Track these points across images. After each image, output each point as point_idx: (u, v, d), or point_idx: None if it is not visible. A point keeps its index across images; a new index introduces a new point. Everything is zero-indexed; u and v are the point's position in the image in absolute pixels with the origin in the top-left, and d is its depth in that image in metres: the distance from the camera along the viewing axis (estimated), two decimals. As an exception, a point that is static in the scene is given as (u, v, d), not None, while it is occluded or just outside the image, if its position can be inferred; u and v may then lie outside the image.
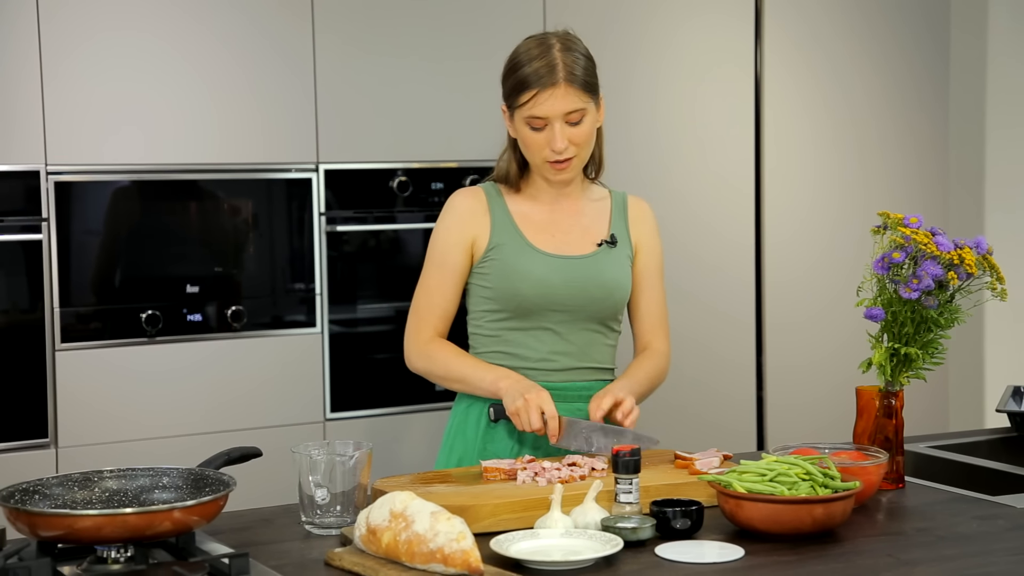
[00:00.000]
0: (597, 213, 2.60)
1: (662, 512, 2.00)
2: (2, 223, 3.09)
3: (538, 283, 2.49)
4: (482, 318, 2.56)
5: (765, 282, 4.06)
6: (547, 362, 2.52)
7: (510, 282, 2.50)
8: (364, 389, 3.52)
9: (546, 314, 2.51)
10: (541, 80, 2.42)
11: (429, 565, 1.76)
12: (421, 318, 2.55)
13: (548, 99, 2.42)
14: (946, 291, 2.28)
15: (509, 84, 2.48)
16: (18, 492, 1.89)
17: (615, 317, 2.58)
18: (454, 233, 2.54)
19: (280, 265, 3.42)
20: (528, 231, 2.53)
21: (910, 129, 4.28)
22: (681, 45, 3.93)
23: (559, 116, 2.43)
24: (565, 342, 2.52)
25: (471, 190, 2.59)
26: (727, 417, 4.01)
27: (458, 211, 2.55)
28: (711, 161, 3.98)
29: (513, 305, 2.50)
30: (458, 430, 2.57)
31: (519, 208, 2.56)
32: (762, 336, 4.07)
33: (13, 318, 3.12)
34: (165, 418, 3.27)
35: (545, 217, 2.56)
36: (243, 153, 3.36)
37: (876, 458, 2.21)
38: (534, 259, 2.50)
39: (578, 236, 2.56)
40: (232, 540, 1.99)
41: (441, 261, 2.54)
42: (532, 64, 2.43)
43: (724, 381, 4.01)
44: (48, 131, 3.14)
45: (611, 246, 2.56)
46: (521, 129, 2.48)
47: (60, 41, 3.14)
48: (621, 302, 2.57)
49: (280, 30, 3.38)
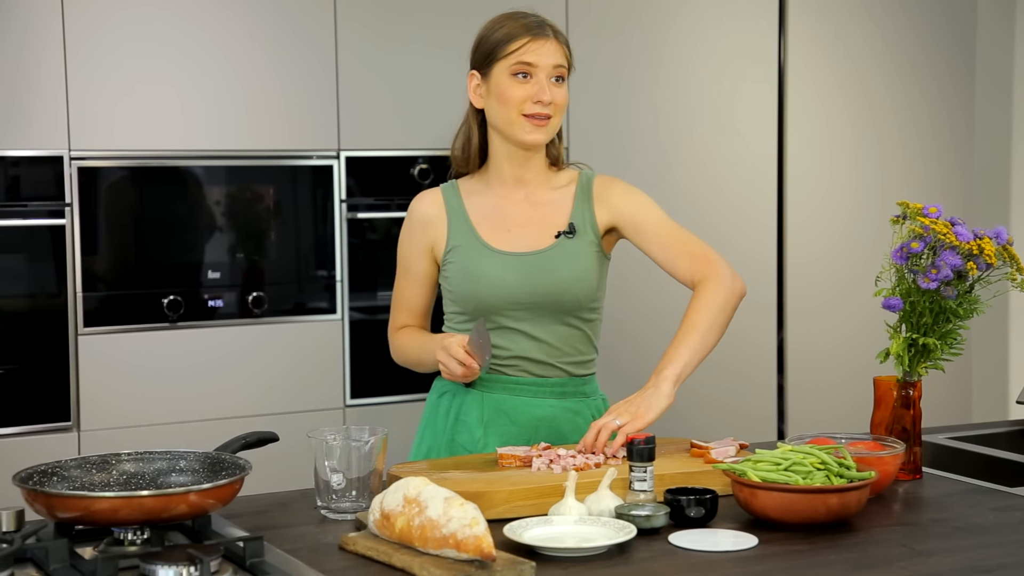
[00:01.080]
0: (558, 202, 2.53)
1: (676, 500, 2.00)
2: (26, 208, 3.11)
3: (492, 284, 2.46)
4: (452, 320, 2.57)
5: (787, 265, 4.05)
6: (518, 359, 2.49)
7: (466, 284, 2.49)
8: (384, 376, 3.52)
9: (506, 313, 2.47)
10: (532, 31, 2.44)
11: (442, 550, 1.77)
12: (392, 315, 2.64)
13: (540, 47, 2.43)
14: (965, 281, 2.27)
15: (491, 40, 2.47)
16: (36, 474, 1.91)
17: (583, 308, 2.50)
18: (413, 239, 2.57)
19: (301, 252, 3.44)
20: (483, 230, 2.50)
21: (935, 118, 4.25)
22: (704, 35, 3.92)
23: (548, 67, 2.44)
24: (532, 340, 2.48)
25: (429, 193, 2.59)
26: (748, 400, 4.01)
27: (414, 218, 2.57)
28: (736, 146, 3.97)
29: (471, 306, 2.49)
30: (428, 421, 2.59)
31: (476, 204, 2.53)
32: (783, 319, 4.06)
33: (37, 302, 3.14)
34: (186, 403, 3.29)
35: (500, 212, 2.52)
36: (265, 140, 3.37)
37: (893, 448, 2.20)
38: (489, 259, 2.47)
39: (535, 229, 2.50)
40: (248, 524, 2.00)
41: (406, 267, 2.60)
42: (519, 20, 2.47)
43: (745, 364, 4.00)
44: (71, 117, 3.15)
45: (569, 236, 2.49)
46: (502, 81, 2.44)
47: (84, 26, 3.15)
48: (583, 294, 2.48)
49: (302, 17, 3.39)
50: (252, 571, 1.73)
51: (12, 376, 3.11)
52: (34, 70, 3.11)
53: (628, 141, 3.78)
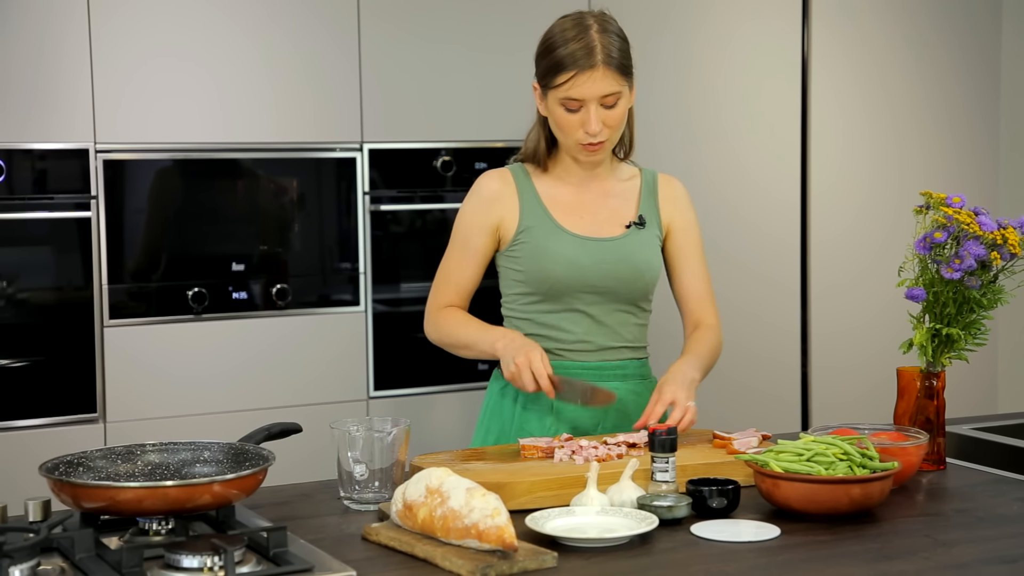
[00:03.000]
0: (626, 194, 2.58)
1: (698, 491, 2.00)
2: (52, 201, 3.14)
3: (569, 265, 2.48)
4: (514, 301, 2.56)
5: (811, 247, 4.05)
6: (581, 343, 2.52)
7: (540, 264, 2.49)
8: (407, 367, 3.54)
9: (577, 296, 2.50)
10: (578, 62, 2.39)
11: (464, 541, 1.77)
12: (438, 292, 2.57)
13: (585, 82, 2.39)
14: (989, 271, 2.26)
15: (544, 64, 2.45)
16: (63, 464, 1.92)
17: (645, 297, 2.57)
18: (479, 216, 2.54)
19: (325, 244, 3.45)
20: (557, 213, 2.52)
21: (958, 105, 4.24)
22: (728, 27, 3.92)
23: (595, 99, 2.41)
24: (597, 323, 2.52)
25: (498, 172, 2.59)
26: (771, 382, 4.01)
27: (484, 194, 2.55)
28: (759, 131, 3.97)
29: (545, 287, 2.50)
30: (494, 411, 2.58)
31: (547, 190, 2.55)
32: (807, 301, 4.06)
33: (64, 295, 3.17)
34: (210, 394, 3.31)
35: (574, 199, 2.55)
36: (289, 133, 3.38)
37: (916, 439, 2.19)
38: (564, 241, 2.50)
39: (606, 218, 2.55)
40: (272, 514, 2.01)
41: (464, 242, 2.55)
42: (569, 45, 2.40)
43: (769, 346, 4.00)
44: (97, 109, 3.17)
45: (640, 227, 2.55)
46: (554, 110, 2.45)
47: (110, 20, 3.17)
48: (651, 283, 2.56)
49: (327, 10, 3.40)
50: (275, 561, 1.74)
51: (38, 368, 3.14)
52: (60, 63, 3.13)
53: (658, 129, 3.77)
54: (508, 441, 2.49)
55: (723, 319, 2.64)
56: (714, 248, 3.85)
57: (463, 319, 2.54)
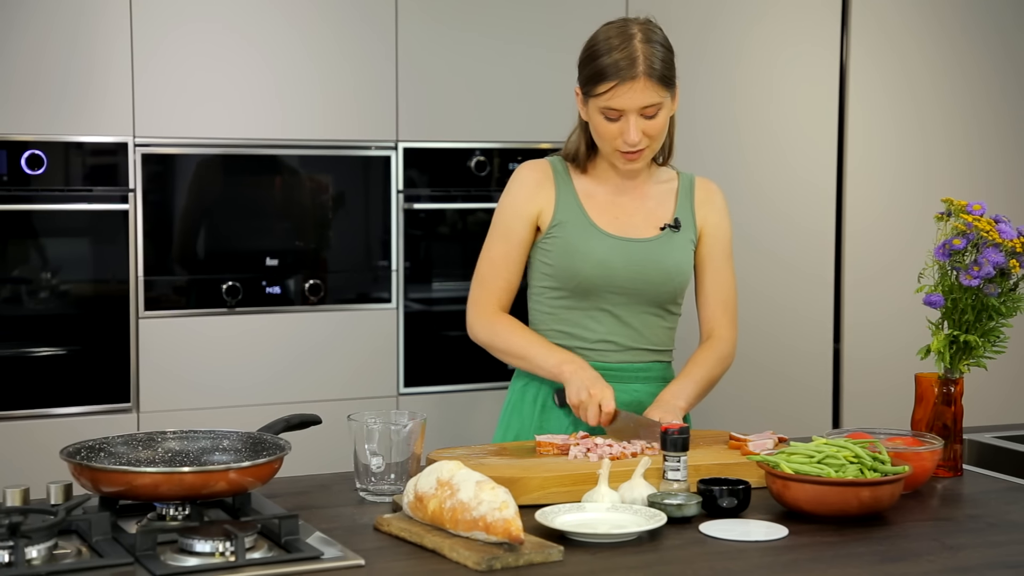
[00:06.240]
0: (663, 196, 2.59)
1: (709, 490, 2.01)
2: (91, 193, 3.19)
3: (598, 264, 2.49)
4: (541, 295, 2.57)
5: (845, 238, 4.04)
6: (604, 343, 2.53)
7: (571, 261, 2.50)
8: (438, 365, 3.57)
9: (605, 295, 2.51)
10: (620, 73, 2.37)
11: (472, 533, 1.80)
12: (486, 288, 2.55)
13: (626, 92, 2.38)
14: (1008, 279, 2.26)
15: (587, 72, 2.44)
16: (84, 449, 1.97)
17: (674, 301, 2.57)
18: (520, 205, 2.53)
19: (358, 241, 3.49)
20: (592, 211, 2.53)
21: (989, 110, 4.22)
22: (772, 35, 3.92)
23: (635, 110, 2.40)
24: (623, 324, 2.53)
25: (538, 163, 2.58)
26: (805, 374, 4.00)
27: (525, 183, 2.55)
28: (798, 130, 3.98)
29: (572, 284, 2.51)
30: (515, 408, 2.59)
31: (584, 187, 2.55)
32: (840, 292, 4.05)
33: (100, 286, 3.22)
34: (241, 387, 3.36)
35: (610, 198, 2.55)
36: (324, 130, 3.42)
37: (931, 445, 2.20)
38: (596, 239, 2.50)
39: (642, 219, 2.55)
40: (288, 503, 2.05)
41: (506, 232, 2.54)
42: (612, 55, 2.38)
43: (802, 338, 3.99)
44: (136, 104, 3.23)
45: (674, 230, 2.55)
46: (595, 117, 2.45)
47: (151, 15, 3.23)
48: (681, 287, 2.56)
49: (365, 10, 3.44)
50: (287, 548, 1.77)
51: (74, 357, 3.20)
52: (101, 58, 3.19)
53: (703, 127, 3.79)
54: (528, 439, 2.51)
55: (757, 311, 2.61)
56: (751, 242, 3.85)
57: (522, 329, 2.53)
